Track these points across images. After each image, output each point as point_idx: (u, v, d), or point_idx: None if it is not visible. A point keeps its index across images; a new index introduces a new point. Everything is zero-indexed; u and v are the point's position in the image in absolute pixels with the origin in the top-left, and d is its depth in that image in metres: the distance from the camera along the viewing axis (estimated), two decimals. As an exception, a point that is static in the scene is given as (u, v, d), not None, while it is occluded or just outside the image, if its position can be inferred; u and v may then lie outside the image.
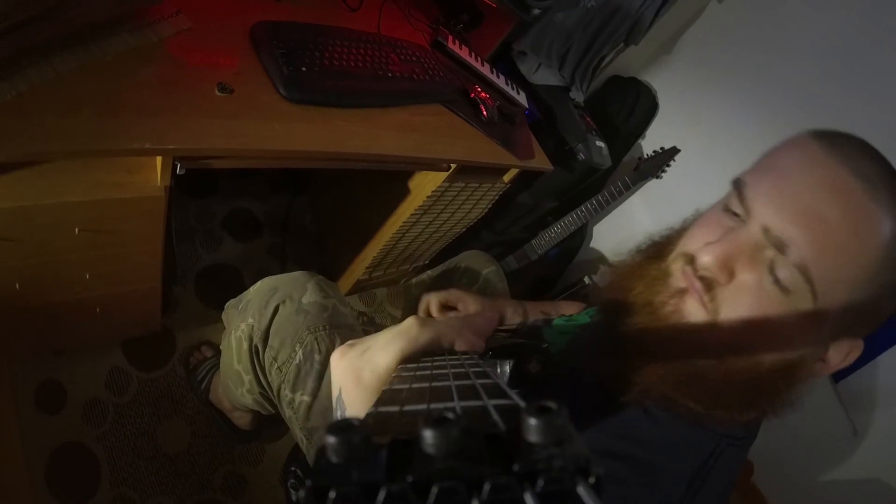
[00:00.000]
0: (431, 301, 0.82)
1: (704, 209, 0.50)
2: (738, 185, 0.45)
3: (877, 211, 0.39)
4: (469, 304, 0.80)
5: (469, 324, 0.37)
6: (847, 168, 0.40)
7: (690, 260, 0.45)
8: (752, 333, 0.42)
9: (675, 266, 0.46)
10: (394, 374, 0.31)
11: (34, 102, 0.53)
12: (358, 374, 0.34)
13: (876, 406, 1.27)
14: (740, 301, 0.42)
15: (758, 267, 0.42)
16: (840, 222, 0.39)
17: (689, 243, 0.47)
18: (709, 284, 0.43)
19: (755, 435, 0.51)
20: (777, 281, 0.41)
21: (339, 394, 0.36)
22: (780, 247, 0.40)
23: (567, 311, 0.84)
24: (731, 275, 0.42)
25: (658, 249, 0.50)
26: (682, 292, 0.45)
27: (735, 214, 0.45)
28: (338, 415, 0.37)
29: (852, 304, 0.41)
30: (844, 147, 0.41)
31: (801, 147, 0.43)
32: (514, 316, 0.83)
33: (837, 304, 0.41)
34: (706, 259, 0.42)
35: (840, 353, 0.44)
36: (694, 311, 0.44)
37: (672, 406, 0.47)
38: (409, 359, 0.33)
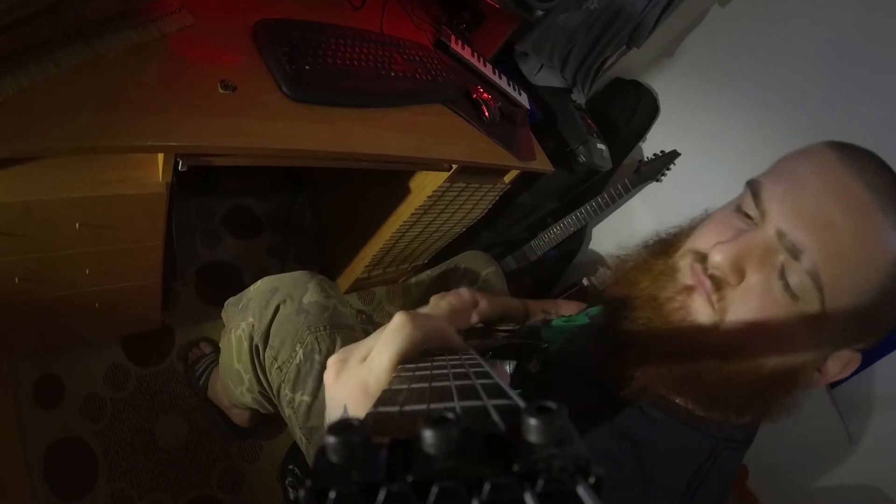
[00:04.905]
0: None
1: (713, 209, 0.50)
2: (753, 186, 0.45)
3: (887, 225, 0.40)
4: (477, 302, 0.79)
5: (450, 317, 0.37)
6: (861, 180, 0.40)
7: (701, 258, 0.45)
8: (757, 336, 0.42)
9: (684, 262, 0.46)
10: (393, 375, 0.31)
11: (37, 98, 0.53)
12: (364, 386, 0.32)
13: (871, 412, 1.27)
14: (748, 303, 0.42)
15: (768, 270, 0.42)
16: (851, 232, 0.39)
17: (699, 241, 0.47)
18: (718, 284, 0.43)
19: (752, 440, 0.51)
20: (787, 286, 0.41)
21: (345, 411, 0.34)
22: (794, 252, 0.41)
23: (567, 311, 0.84)
24: (741, 276, 0.43)
25: (665, 246, 0.50)
26: (689, 289, 0.45)
27: (747, 216, 0.45)
28: None
29: (856, 314, 0.41)
30: (859, 160, 0.42)
31: (818, 156, 0.44)
32: (515, 313, 0.83)
33: (842, 313, 0.41)
34: (718, 258, 0.42)
35: (838, 365, 0.45)
36: (701, 309, 0.44)
37: (670, 406, 0.47)
38: (409, 358, 0.33)
